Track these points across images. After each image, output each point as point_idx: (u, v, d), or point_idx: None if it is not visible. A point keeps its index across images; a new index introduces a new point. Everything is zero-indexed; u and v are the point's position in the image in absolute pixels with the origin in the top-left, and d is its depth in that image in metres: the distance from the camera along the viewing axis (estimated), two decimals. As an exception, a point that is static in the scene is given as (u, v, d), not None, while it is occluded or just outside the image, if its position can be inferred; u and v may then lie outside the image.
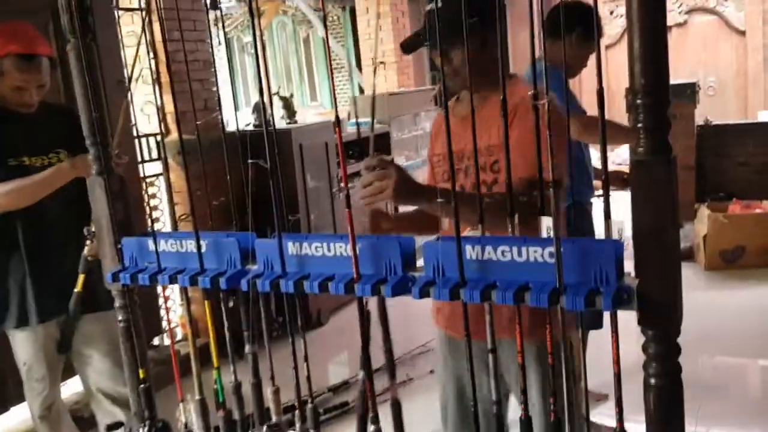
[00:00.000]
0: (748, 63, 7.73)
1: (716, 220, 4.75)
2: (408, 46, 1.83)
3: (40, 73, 2.34)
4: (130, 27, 3.73)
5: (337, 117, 1.32)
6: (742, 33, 7.69)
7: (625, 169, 3.72)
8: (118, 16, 3.56)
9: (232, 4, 9.30)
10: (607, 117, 1.08)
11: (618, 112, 8.33)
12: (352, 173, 4.58)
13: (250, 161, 1.31)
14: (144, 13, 3.51)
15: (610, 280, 1.01)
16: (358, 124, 3.65)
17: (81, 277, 2.36)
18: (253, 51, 12.45)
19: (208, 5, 3.72)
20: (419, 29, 1.81)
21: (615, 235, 1.09)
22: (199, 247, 1.38)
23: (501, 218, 1.13)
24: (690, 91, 5.06)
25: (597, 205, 2.94)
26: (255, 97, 12.61)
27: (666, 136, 1.00)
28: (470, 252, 1.12)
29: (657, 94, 0.98)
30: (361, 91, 8.85)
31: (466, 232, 1.29)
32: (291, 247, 1.30)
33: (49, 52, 2.40)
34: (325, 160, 4.48)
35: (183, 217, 3.09)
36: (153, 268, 1.46)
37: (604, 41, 8.49)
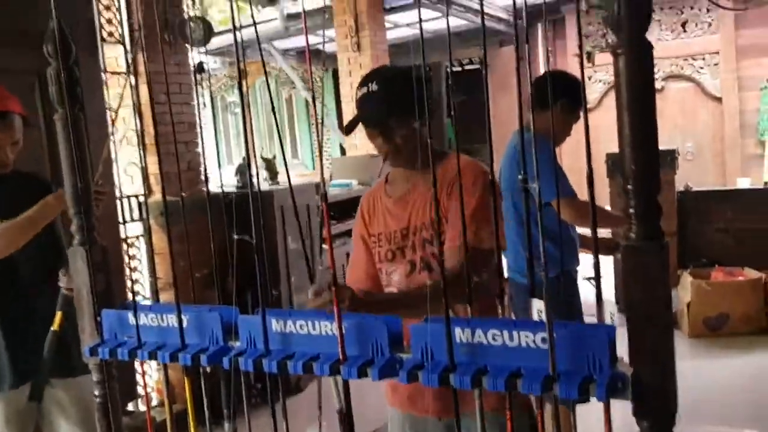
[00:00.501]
0: (725, 129, 7.92)
1: (699, 287, 4.76)
2: (349, 128, 1.84)
3: (12, 130, 2.34)
4: (117, 89, 3.74)
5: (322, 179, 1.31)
6: (719, 99, 7.90)
7: (608, 235, 3.72)
8: (106, 79, 3.58)
9: (217, 65, 9.42)
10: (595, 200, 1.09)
11: (598, 174, 8.48)
12: (337, 233, 4.59)
13: (235, 236, 1.29)
14: (131, 76, 3.53)
15: (604, 367, 0.99)
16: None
17: (58, 315, 2.28)
18: (236, 111, 12.58)
19: (195, 69, 3.76)
20: (358, 112, 1.82)
21: (607, 319, 1.08)
22: (180, 322, 1.35)
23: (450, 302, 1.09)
24: (670, 158, 5.15)
25: (581, 270, 2.93)
26: (237, 156, 12.70)
27: (657, 221, 0.99)
28: (460, 335, 1.09)
29: (647, 181, 0.98)
30: (343, 152, 8.92)
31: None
32: (275, 325, 1.27)
33: (20, 110, 2.40)
34: (307, 221, 4.46)
35: (163, 287, 3.05)
36: (132, 343, 1.41)
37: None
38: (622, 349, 1.00)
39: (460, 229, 1.60)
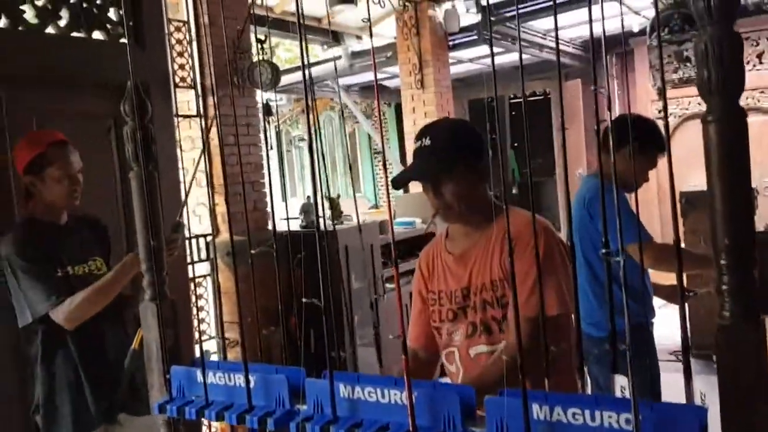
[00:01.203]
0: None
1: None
2: (398, 183, 1.81)
3: (77, 157, 2.37)
4: (188, 131, 3.84)
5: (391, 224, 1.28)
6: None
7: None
8: (178, 123, 3.68)
9: (283, 102, 9.62)
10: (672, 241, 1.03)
11: (669, 209, 8.22)
12: (404, 271, 4.55)
13: (303, 300, 1.27)
14: (202, 119, 3.62)
15: (695, 455, 0.92)
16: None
17: (139, 333, 2.26)
18: (300, 144, 12.79)
19: (263, 112, 3.82)
20: (408, 166, 1.81)
21: (697, 400, 1.01)
22: (248, 383, 1.33)
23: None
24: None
25: (657, 323, 2.81)
26: (301, 188, 12.89)
27: (752, 299, 0.93)
28: (537, 412, 1.04)
29: (742, 255, 0.92)
30: (406, 189, 8.92)
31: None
32: (342, 390, 1.24)
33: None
34: (371, 261, 4.45)
35: (232, 344, 3.07)
36: (200, 402, 1.41)
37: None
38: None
39: (525, 296, 1.56)
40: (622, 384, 1.04)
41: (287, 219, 2.59)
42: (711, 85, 0.90)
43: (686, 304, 1.12)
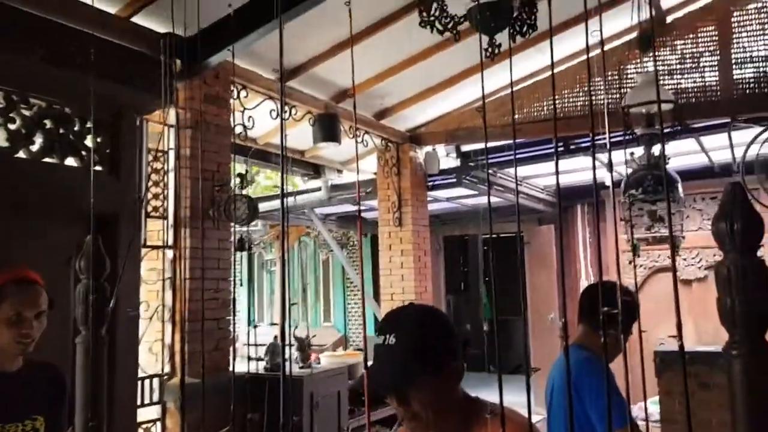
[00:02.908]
0: None
1: None
2: (352, 398, 1.56)
3: (38, 298, 2.13)
4: (154, 262, 3.69)
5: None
6: None
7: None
8: (145, 253, 3.55)
9: (257, 227, 9.57)
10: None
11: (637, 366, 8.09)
12: (374, 420, 4.29)
13: None
14: (170, 251, 3.50)
15: None
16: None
17: None
18: (273, 269, 12.65)
19: (237, 247, 3.69)
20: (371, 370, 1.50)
21: None
22: None
23: None
24: (723, 360, 4.82)
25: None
26: (269, 314, 12.61)
27: None
28: None
29: None
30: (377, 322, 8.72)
31: None
32: None
33: (43, 285, 2.21)
34: (336, 409, 4.20)
35: None
36: None
37: (625, 291, 8.48)
38: None
39: None
40: None
41: (257, 359, 2.39)
42: (734, 316, 0.81)
43: None
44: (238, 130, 3.85)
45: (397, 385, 1.47)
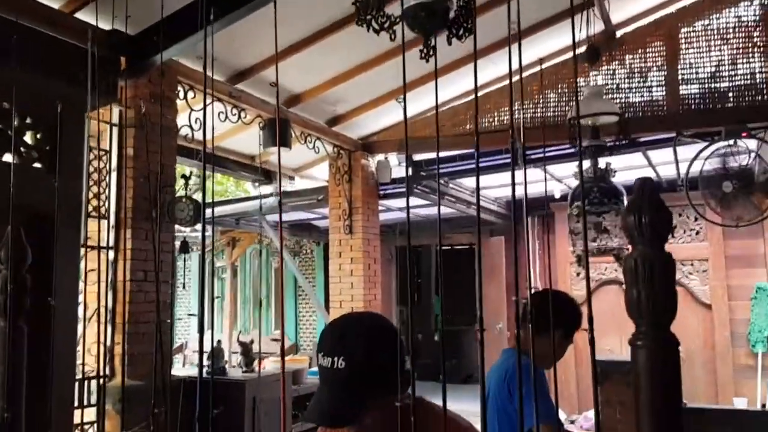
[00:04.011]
0: (716, 337, 7.78)
1: None
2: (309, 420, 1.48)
3: None
4: (93, 263, 3.60)
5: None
6: (708, 306, 7.84)
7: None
8: (86, 253, 3.46)
9: (207, 233, 9.43)
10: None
11: (585, 371, 8.23)
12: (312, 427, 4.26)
13: None
14: (110, 251, 3.42)
15: None
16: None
17: None
18: (223, 276, 12.48)
19: (180, 249, 3.64)
20: (317, 400, 1.46)
21: None
22: None
23: None
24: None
25: None
26: (219, 321, 12.42)
27: None
28: None
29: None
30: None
31: None
32: None
33: None
34: (280, 415, 4.16)
35: None
36: None
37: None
38: None
39: None
40: None
41: (200, 364, 2.36)
42: (640, 307, 0.83)
43: None
44: (185, 131, 3.80)
45: (351, 416, 1.41)
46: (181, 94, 3.92)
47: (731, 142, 4.81)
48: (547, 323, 2.23)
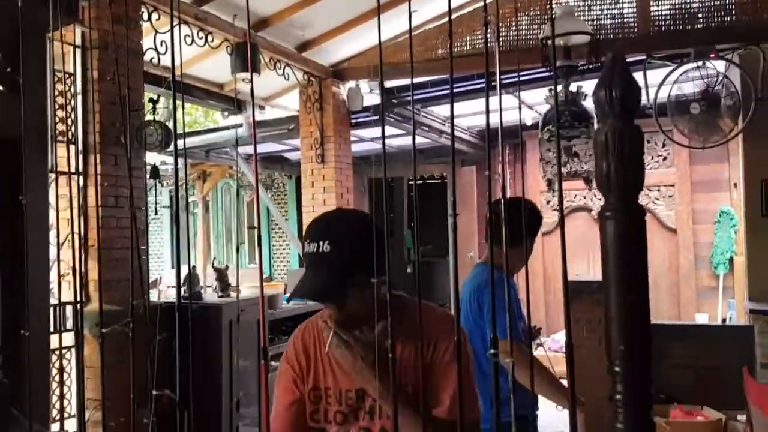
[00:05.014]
0: (680, 260, 8.01)
1: (659, 426, 4.59)
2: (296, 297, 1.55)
3: None
4: (64, 189, 3.56)
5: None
6: (674, 231, 8.04)
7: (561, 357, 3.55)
8: (56, 179, 3.42)
9: (179, 166, 9.32)
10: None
11: (555, 296, 8.46)
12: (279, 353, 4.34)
13: (154, 392, 1.10)
14: (80, 177, 3.37)
15: None
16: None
17: None
18: (196, 211, 12.40)
19: (151, 175, 3.61)
20: (306, 279, 1.52)
21: None
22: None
23: None
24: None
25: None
26: (193, 256, 12.41)
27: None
28: None
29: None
30: (301, 263, 8.74)
31: None
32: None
33: None
34: (256, 337, 4.23)
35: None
36: None
37: (542, 229, 8.74)
38: None
39: (443, 403, 1.47)
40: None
41: (177, 288, 2.38)
42: (610, 180, 0.85)
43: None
44: (150, 56, 3.71)
45: (335, 292, 1.49)
46: (145, 16, 3.80)
47: (700, 63, 4.84)
48: (518, 234, 2.29)
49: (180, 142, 4.54)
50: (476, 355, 2.65)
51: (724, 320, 6.78)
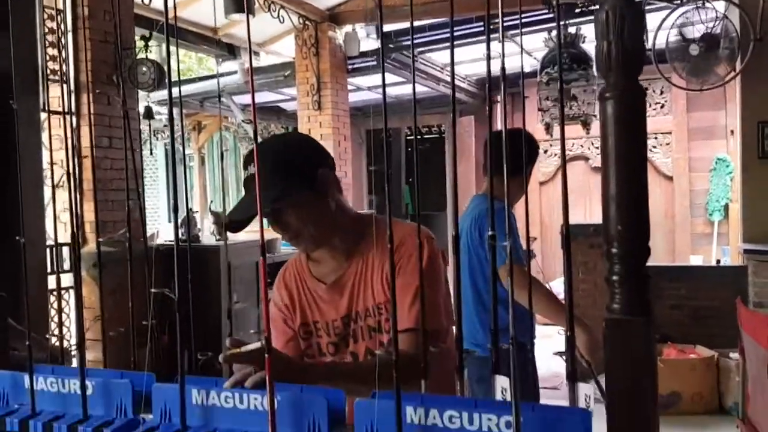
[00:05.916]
0: (676, 207, 8.03)
1: (652, 363, 4.65)
2: (234, 227, 1.50)
3: None
4: (57, 130, 3.52)
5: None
6: (670, 178, 8.04)
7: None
8: (49, 118, 3.38)
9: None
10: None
11: (551, 245, 8.49)
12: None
13: (153, 290, 1.11)
14: (72, 117, 3.34)
15: (581, 462, 0.83)
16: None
17: None
18: (191, 164, 12.35)
19: (144, 115, 3.57)
20: (239, 202, 1.51)
21: (581, 402, 0.93)
22: (84, 389, 1.14)
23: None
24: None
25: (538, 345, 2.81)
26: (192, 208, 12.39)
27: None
28: (411, 415, 0.93)
29: (635, 243, 0.85)
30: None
31: None
32: (195, 396, 1.08)
33: None
34: (255, 280, 4.26)
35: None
36: (25, 411, 1.20)
37: (539, 178, 8.74)
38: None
39: (407, 314, 1.43)
40: (503, 385, 0.95)
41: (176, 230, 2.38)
42: (610, 59, 0.84)
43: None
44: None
45: (270, 205, 1.43)
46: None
47: (699, 3, 4.77)
48: (518, 164, 2.28)
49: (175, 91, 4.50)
50: (478, 289, 2.67)
51: (718, 261, 6.83)
